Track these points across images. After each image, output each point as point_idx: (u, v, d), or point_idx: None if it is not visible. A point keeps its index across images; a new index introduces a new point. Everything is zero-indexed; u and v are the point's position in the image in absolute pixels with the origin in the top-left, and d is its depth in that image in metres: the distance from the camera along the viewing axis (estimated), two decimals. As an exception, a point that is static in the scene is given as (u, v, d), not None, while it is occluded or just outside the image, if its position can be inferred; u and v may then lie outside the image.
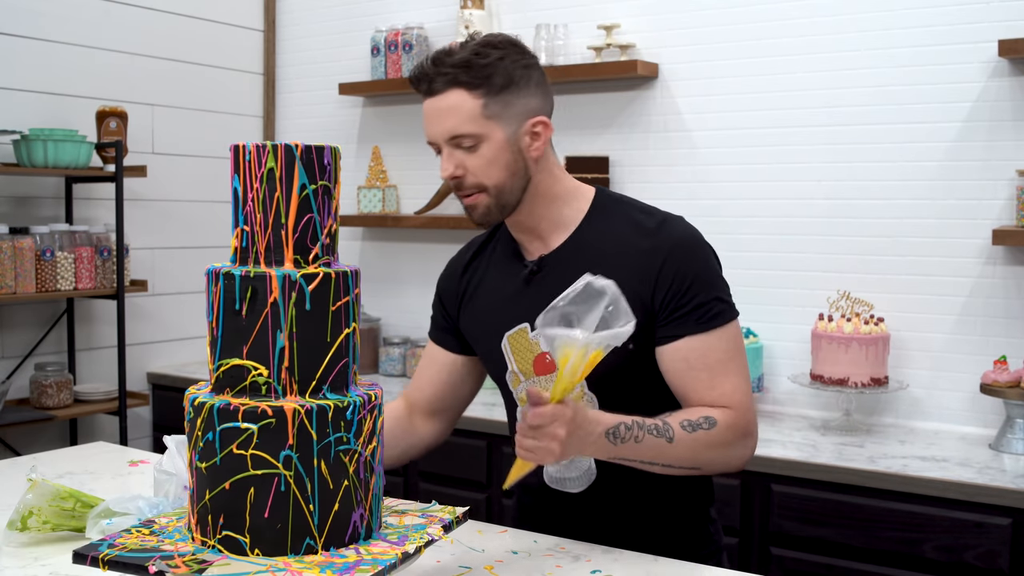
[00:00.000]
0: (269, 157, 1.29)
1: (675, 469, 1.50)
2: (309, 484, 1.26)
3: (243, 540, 1.25)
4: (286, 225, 1.30)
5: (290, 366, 1.28)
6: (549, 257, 1.62)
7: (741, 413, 1.53)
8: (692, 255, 1.57)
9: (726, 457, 1.53)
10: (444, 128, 1.55)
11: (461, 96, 1.53)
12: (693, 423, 1.49)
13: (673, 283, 1.54)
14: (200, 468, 1.27)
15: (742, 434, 1.53)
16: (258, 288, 1.27)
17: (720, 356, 1.54)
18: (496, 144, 1.55)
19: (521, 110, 1.56)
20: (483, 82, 1.53)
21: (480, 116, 1.53)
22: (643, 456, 1.47)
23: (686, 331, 1.53)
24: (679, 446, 1.47)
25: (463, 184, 1.57)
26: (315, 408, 1.26)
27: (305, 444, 1.26)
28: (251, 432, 1.24)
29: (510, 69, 1.54)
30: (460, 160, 1.56)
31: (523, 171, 1.58)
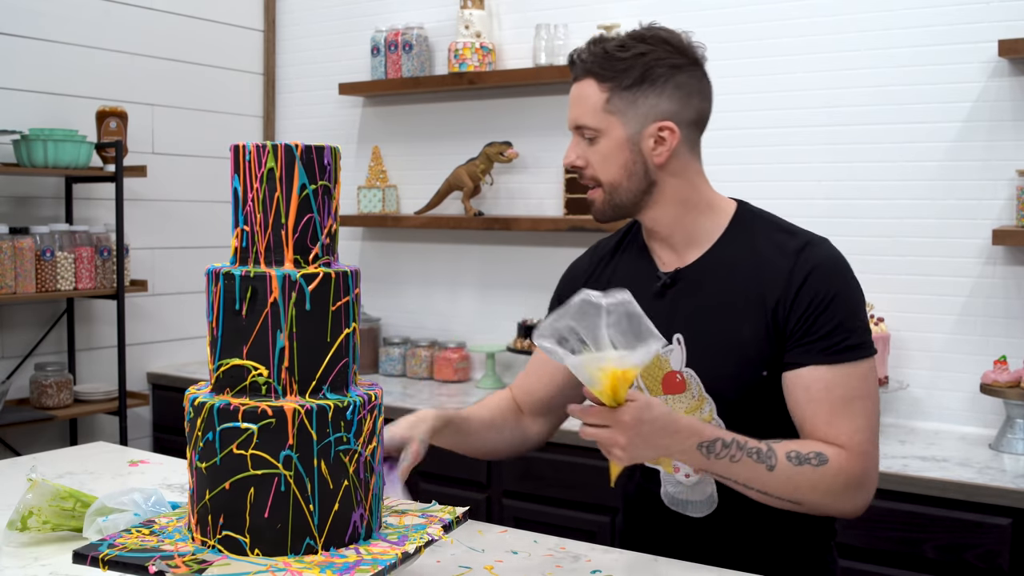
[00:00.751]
0: (269, 157, 1.29)
1: (772, 499, 1.43)
2: (309, 484, 1.26)
3: (243, 540, 1.25)
4: (286, 225, 1.30)
5: (290, 366, 1.28)
6: (686, 270, 1.56)
7: (856, 458, 1.43)
8: (833, 279, 1.49)
9: (832, 503, 1.44)
10: (573, 115, 1.54)
11: (591, 86, 1.51)
12: (802, 456, 1.41)
13: (809, 307, 1.46)
14: (200, 468, 1.27)
15: (855, 483, 1.43)
16: (258, 288, 1.27)
17: (845, 393, 1.45)
18: (614, 141, 1.51)
19: (648, 111, 1.51)
20: (615, 76, 1.50)
21: (602, 110, 1.51)
22: (738, 477, 1.41)
23: (812, 360, 1.46)
24: (779, 476, 1.40)
25: (582, 175, 1.55)
26: (315, 408, 1.26)
27: (305, 444, 1.26)
28: (251, 432, 1.24)
29: (649, 66, 1.50)
30: (583, 151, 1.54)
31: (642, 173, 1.53)
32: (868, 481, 1.45)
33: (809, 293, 1.47)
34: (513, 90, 3.44)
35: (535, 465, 2.80)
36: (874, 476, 1.46)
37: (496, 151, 3.35)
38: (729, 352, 1.50)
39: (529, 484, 2.82)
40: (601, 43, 1.52)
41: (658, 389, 1.56)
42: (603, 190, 1.54)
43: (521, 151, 3.39)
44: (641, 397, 1.37)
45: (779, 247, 1.53)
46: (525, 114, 3.42)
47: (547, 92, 3.37)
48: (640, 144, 1.52)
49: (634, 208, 1.56)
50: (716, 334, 1.51)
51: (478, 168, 3.39)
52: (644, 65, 1.50)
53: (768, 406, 1.51)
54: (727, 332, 1.50)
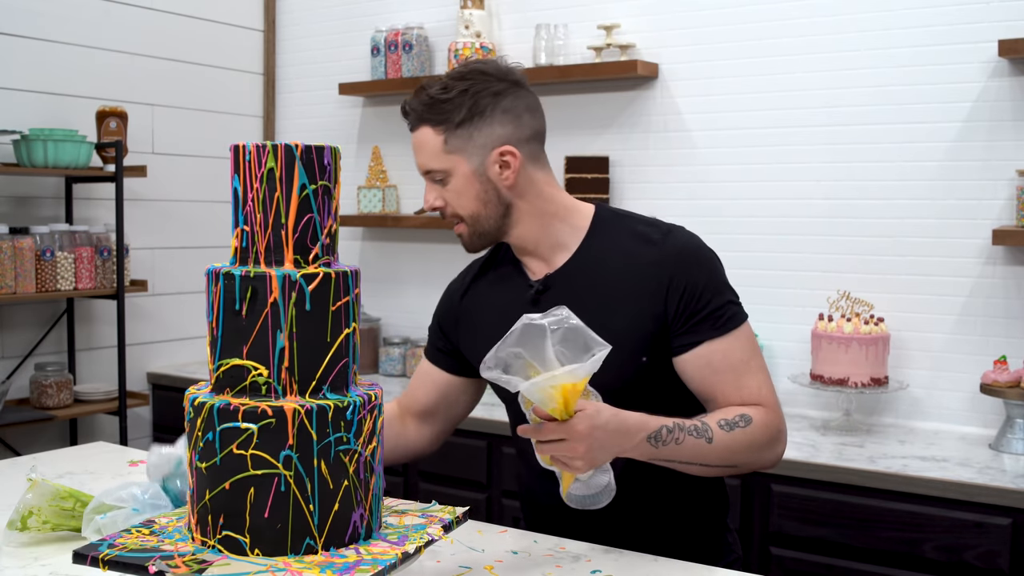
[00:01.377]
0: (269, 157, 1.29)
1: (712, 469, 1.52)
2: (309, 484, 1.26)
3: (243, 540, 1.25)
4: (286, 225, 1.30)
5: (290, 366, 1.28)
6: (556, 275, 1.63)
7: (772, 409, 1.56)
8: (698, 264, 1.59)
9: (760, 456, 1.55)
10: (419, 162, 1.63)
11: (427, 133, 1.59)
12: (730, 422, 1.51)
13: (684, 293, 1.56)
14: (200, 468, 1.27)
15: (775, 433, 1.56)
16: (258, 288, 1.27)
17: (741, 356, 1.57)
18: (462, 177, 1.59)
19: (484, 141, 1.58)
20: (444, 118, 1.57)
21: (442, 152, 1.59)
22: (683, 457, 1.49)
23: (704, 336, 1.56)
24: (718, 446, 1.49)
25: (444, 213, 1.63)
26: (315, 408, 1.26)
27: (305, 444, 1.26)
28: (251, 432, 1.24)
29: (473, 101, 1.57)
30: (439, 192, 1.62)
31: (496, 200, 1.60)
32: (783, 425, 1.58)
33: (682, 279, 1.56)
34: (513, 90, 3.43)
35: (535, 465, 2.79)
36: (784, 429, 1.58)
37: (496, 151, 3.34)
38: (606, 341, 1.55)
39: (529, 484, 2.82)
40: (425, 90, 1.60)
41: None
42: (466, 224, 1.62)
43: (521, 151, 3.38)
44: (589, 405, 1.40)
45: (641, 239, 1.61)
46: (525, 114, 3.41)
47: (547, 92, 3.37)
48: (487, 173, 1.59)
49: (499, 232, 1.64)
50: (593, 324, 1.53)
51: (478, 168, 3.38)
52: (469, 100, 1.57)
53: (650, 390, 1.59)
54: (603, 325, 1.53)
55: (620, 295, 1.58)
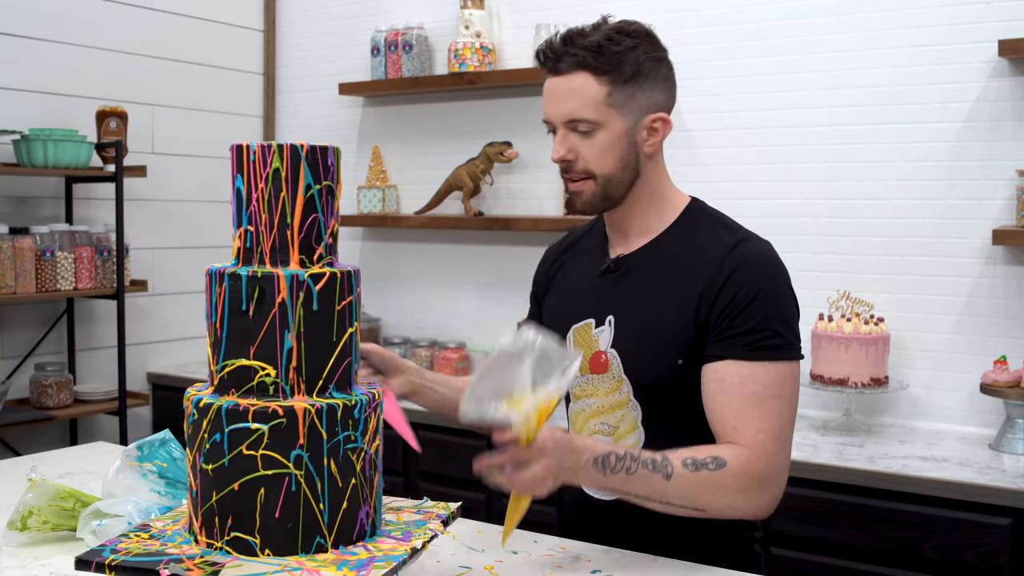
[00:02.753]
0: (275, 157, 1.29)
1: (675, 508, 1.43)
2: (319, 483, 1.27)
3: (253, 541, 1.25)
4: (292, 225, 1.30)
5: (298, 366, 1.28)
6: (628, 257, 1.61)
7: (757, 457, 1.43)
8: (760, 277, 1.50)
9: (734, 503, 1.43)
10: (564, 110, 1.52)
11: (587, 80, 1.50)
12: (698, 462, 1.41)
13: (732, 301, 1.48)
14: (206, 470, 1.27)
15: (755, 483, 1.43)
16: (266, 288, 1.27)
17: (757, 390, 1.45)
18: (614, 133, 1.52)
19: (644, 103, 1.53)
20: (612, 69, 1.50)
21: (603, 103, 1.50)
22: (636, 490, 1.41)
23: (730, 354, 1.47)
24: (678, 484, 1.40)
25: (572, 168, 1.55)
26: (325, 407, 1.27)
27: (315, 443, 1.26)
28: (261, 432, 1.24)
29: (640, 60, 1.51)
30: (574, 144, 1.53)
31: (634, 165, 1.55)
32: (771, 481, 1.45)
33: (734, 287, 1.48)
34: (513, 90, 3.44)
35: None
36: (778, 477, 1.46)
37: (496, 151, 3.35)
38: (648, 336, 1.54)
39: (529, 484, 2.82)
40: (585, 36, 1.51)
41: (586, 368, 1.61)
42: (595, 182, 1.55)
43: (521, 151, 3.39)
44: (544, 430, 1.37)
45: (716, 241, 1.55)
46: (525, 114, 3.42)
47: (547, 92, 3.37)
48: (636, 136, 1.54)
49: (619, 200, 1.58)
50: (640, 318, 1.56)
51: (478, 168, 3.39)
52: (636, 58, 1.51)
53: (683, 395, 1.53)
54: (650, 317, 1.54)
55: (675, 291, 1.53)
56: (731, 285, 1.49)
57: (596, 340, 1.60)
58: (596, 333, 1.60)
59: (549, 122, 1.56)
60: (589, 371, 1.61)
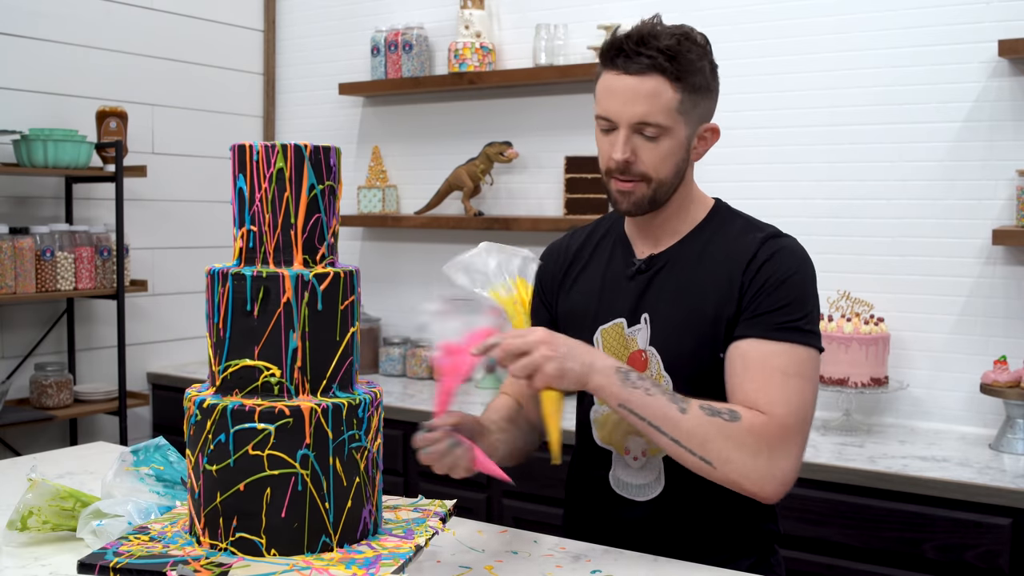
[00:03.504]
0: (279, 157, 1.29)
1: (683, 450, 1.40)
2: (325, 482, 1.27)
3: (259, 541, 1.25)
4: (295, 225, 1.30)
5: (303, 366, 1.29)
6: (659, 256, 1.61)
7: (775, 422, 1.41)
8: (791, 264, 1.52)
9: (743, 460, 1.40)
10: (635, 111, 1.49)
11: (662, 84, 1.48)
12: (714, 409, 1.41)
13: (764, 285, 1.49)
14: (209, 471, 1.27)
15: (766, 445, 1.40)
16: (271, 288, 1.27)
17: (783, 366, 1.45)
18: (677, 141, 1.52)
19: (703, 113, 1.55)
20: (685, 76, 1.49)
21: (675, 109, 1.50)
22: (650, 413, 1.39)
23: (756, 333, 1.47)
24: (690, 421, 1.39)
25: (630, 170, 1.52)
26: (330, 407, 1.27)
27: (321, 443, 1.27)
28: (268, 433, 1.24)
29: (707, 71, 1.53)
30: (636, 147, 1.51)
31: (683, 172, 1.57)
32: (781, 454, 1.42)
33: (766, 272, 1.51)
34: (513, 90, 3.44)
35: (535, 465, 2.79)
36: (790, 454, 1.43)
37: (496, 151, 3.35)
38: (690, 331, 1.54)
39: (529, 484, 2.82)
40: (657, 39, 1.49)
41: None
42: (648, 185, 1.54)
43: (521, 151, 3.39)
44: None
45: (748, 236, 1.57)
46: (525, 114, 3.42)
47: (547, 92, 3.37)
48: (690, 144, 1.56)
49: (665, 203, 1.58)
50: (680, 314, 1.56)
51: (478, 168, 3.39)
52: (703, 69, 1.52)
53: (724, 388, 1.52)
54: (691, 312, 1.54)
55: (713, 285, 1.53)
56: (764, 271, 1.51)
57: (632, 339, 1.59)
58: (631, 332, 1.59)
59: (611, 119, 1.52)
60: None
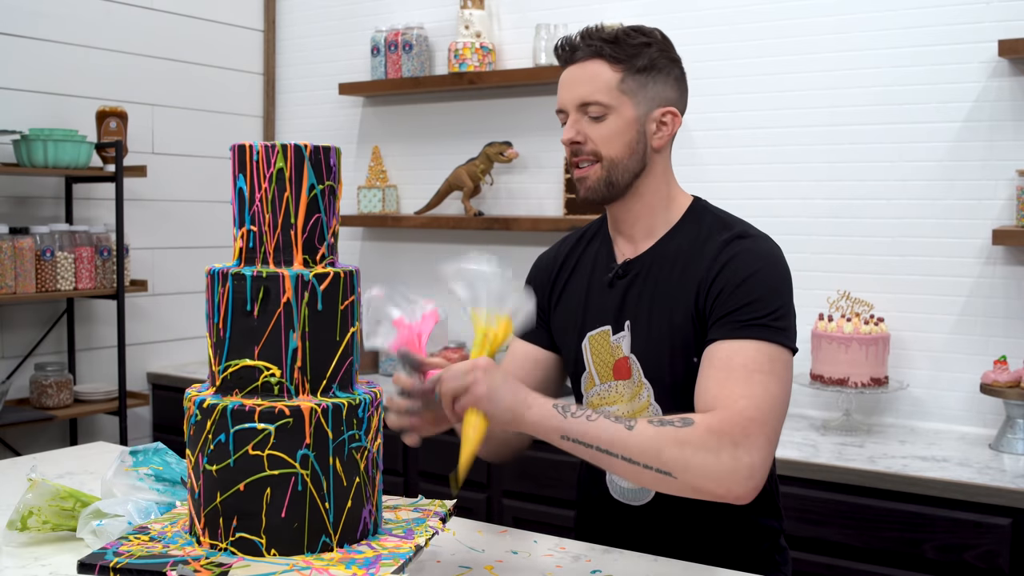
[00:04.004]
0: (279, 157, 1.29)
1: (638, 468, 1.34)
2: (325, 482, 1.27)
3: (259, 541, 1.25)
4: (295, 225, 1.31)
5: (303, 366, 1.29)
6: (634, 261, 1.62)
7: (730, 416, 1.36)
8: (752, 264, 1.51)
9: (703, 462, 1.33)
10: (577, 94, 1.57)
11: (601, 67, 1.56)
12: (664, 420, 1.37)
13: (725, 287, 1.49)
14: (209, 471, 1.27)
15: (731, 440, 1.34)
16: (271, 288, 1.27)
17: (745, 363, 1.42)
18: (623, 119, 1.56)
19: (655, 95, 1.58)
20: (626, 59, 1.55)
21: (615, 88, 1.55)
22: (597, 439, 1.34)
23: (720, 335, 1.46)
24: (640, 436, 1.33)
25: (580, 150, 1.57)
26: (330, 407, 1.27)
27: (321, 443, 1.27)
28: (268, 432, 1.24)
29: (654, 55, 1.57)
30: (583, 128, 1.57)
31: (641, 155, 1.58)
32: (746, 447, 1.34)
33: (725, 275, 1.50)
34: (513, 90, 3.44)
35: (535, 465, 2.80)
36: (757, 447, 1.35)
37: (496, 151, 3.35)
38: (664, 339, 1.56)
39: (529, 484, 2.82)
40: (602, 31, 1.59)
41: (609, 375, 1.62)
42: (601, 166, 1.57)
43: (521, 151, 3.39)
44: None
45: (715, 238, 1.57)
46: (525, 114, 3.42)
47: (547, 92, 3.37)
48: (645, 126, 1.58)
49: (624, 188, 1.59)
50: (654, 321, 1.57)
51: (478, 168, 3.39)
52: (654, 52, 1.57)
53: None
54: (663, 320, 1.56)
55: (680, 291, 1.55)
56: (723, 274, 1.51)
57: (618, 346, 1.60)
58: (616, 339, 1.60)
59: (562, 110, 1.59)
60: (612, 378, 1.61)
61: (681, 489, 1.36)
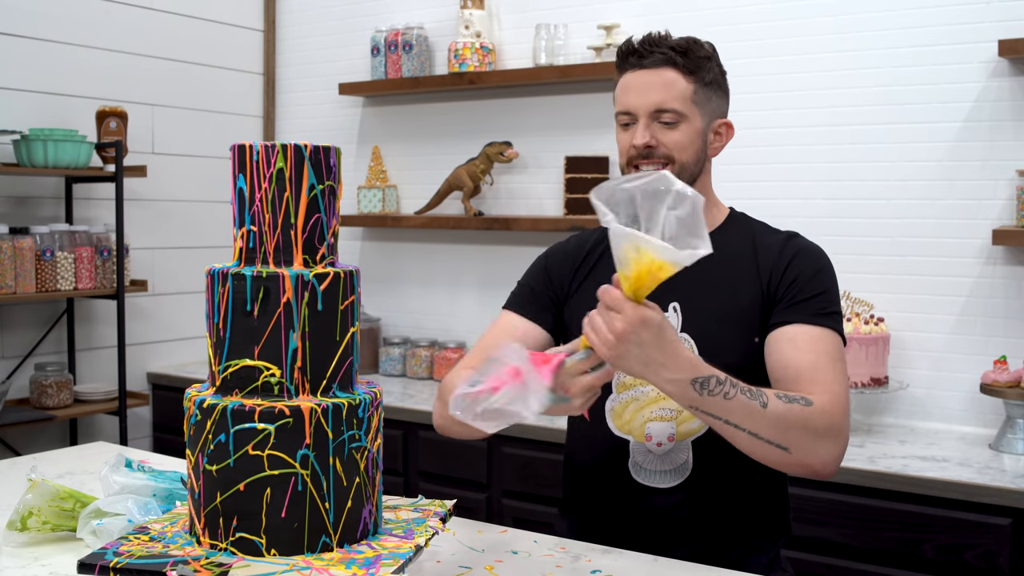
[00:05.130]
0: (279, 157, 1.29)
1: (762, 443, 1.41)
2: (325, 482, 1.27)
3: (259, 541, 1.25)
4: (295, 225, 1.31)
5: (303, 366, 1.29)
6: None
7: (836, 402, 1.47)
8: (819, 259, 1.63)
9: (815, 444, 1.44)
10: (652, 100, 1.61)
11: (675, 76, 1.62)
12: (790, 397, 1.44)
13: (799, 276, 1.59)
14: (209, 471, 1.27)
15: (835, 429, 1.46)
16: (271, 288, 1.27)
17: (829, 351, 1.53)
18: (693, 128, 1.63)
19: (716, 108, 1.67)
20: (697, 71, 1.63)
21: (689, 99, 1.62)
22: (731, 415, 1.39)
23: (800, 319, 1.56)
24: (772, 414, 1.40)
25: (653, 153, 1.62)
26: (330, 407, 1.27)
27: (321, 443, 1.27)
28: (268, 433, 1.24)
29: (715, 70, 1.66)
30: (656, 133, 1.62)
31: (700, 163, 1.66)
32: (843, 433, 1.49)
33: (798, 265, 1.61)
34: (513, 90, 3.44)
35: (535, 465, 2.80)
36: (847, 434, 1.50)
37: (496, 151, 3.35)
38: (727, 319, 1.61)
39: (529, 484, 2.82)
40: (666, 40, 1.64)
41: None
42: (672, 167, 1.62)
43: (521, 151, 3.39)
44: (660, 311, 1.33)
45: (772, 235, 1.69)
46: (525, 114, 3.42)
47: (547, 92, 3.37)
48: (706, 136, 1.67)
49: None
50: (714, 303, 1.62)
51: (478, 168, 3.39)
52: (712, 68, 1.66)
53: (755, 374, 1.57)
54: (723, 299, 1.61)
55: (744, 276, 1.62)
56: (796, 263, 1.61)
57: None
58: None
59: (630, 112, 1.64)
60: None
61: (789, 463, 1.45)
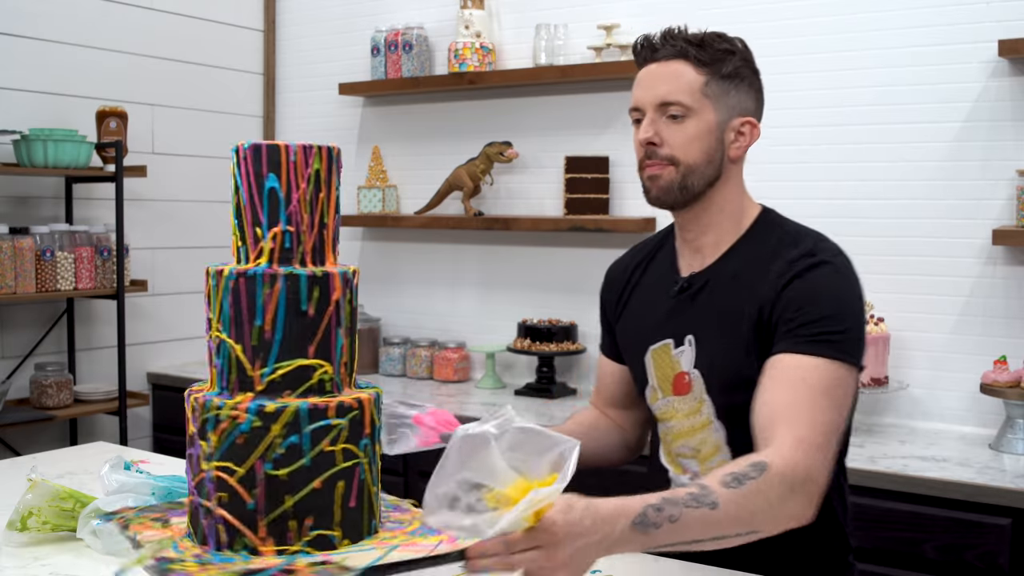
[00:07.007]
0: (315, 159, 1.32)
1: (729, 540, 1.26)
2: (374, 467, 1.35)
3: (334, 535, 1.28)
4: (327, 225, 1.35)
5: (348, 361, 1.35)
6: (699, 275, 1.58)
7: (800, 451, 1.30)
8: (823, 279, 1.46)
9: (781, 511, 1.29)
10: (657, 92, 1.52)
11: (685, 68, 1.52)
12: (739, 475, 1.26)
13: (793, 300, 1.44)
14: (276, 476, 1.26)
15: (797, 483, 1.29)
16: (324, 287, 1.30)
17: (814, 383, 1.37)
18: (704, 123, 1.52)
19: (736, 103, 1.54)
20: (711, 63, 1.52)
21: (698, 91, 1.51)
22: (687, 536, 1.22)
23: (788, 347, 1.41)
24: (725, 511, 1.23)
25: (655, 152, 1.53)
26: (376, 395, 1.35)
27: (374, 431, 1.35)
28: (341, 427, 1.28)
29: (738, 64, 1.54)
30: (660, 129, 1.52)
31: (717, 163, 1.54)
32: (811, 479, 1.31)
33: (799, 284, 1.46)
34: (513, 90, 3.44)
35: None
36: (817, 477, 1.32)
37: (496, 151, 3.35)
38: (730, 353, 1.51)
39: (529, 484, 2.82)
40: (685, 33, 1.55)
41: (668, 390, 1.59)
42: (676, 169, 1.52)
43: (521, 151, 3.39)
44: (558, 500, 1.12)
45: (782, 255, 1.52)
46: (525, 114, 3.42)
47: (547, 92, 3.37)
48: (724, 134, 1.54)
49: (697, 195, 1.55)
50: (719, 336, 1.53)
51: (478, 168, 3.39)
52: (738, 61, 1.54)
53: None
54: (729, 334, 1.51)
55: (746, 306, 1.49)
56: (792, 288, 1.46)
57: (677, 361, 1.57)
58: (676, 354, 1.57)
59: (639, 108, 1.55)
60: (672, 393, 1.58)
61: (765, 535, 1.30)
